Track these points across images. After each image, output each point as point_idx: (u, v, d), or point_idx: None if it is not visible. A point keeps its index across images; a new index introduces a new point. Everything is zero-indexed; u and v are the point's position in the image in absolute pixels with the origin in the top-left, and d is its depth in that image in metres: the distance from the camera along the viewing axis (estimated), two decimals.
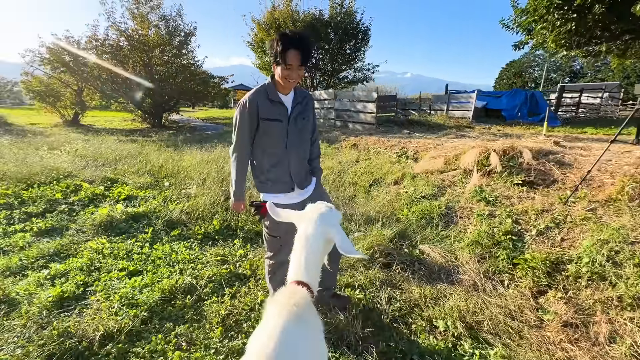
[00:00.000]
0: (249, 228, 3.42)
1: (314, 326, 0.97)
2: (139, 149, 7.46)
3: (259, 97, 1.70)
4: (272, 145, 1.75)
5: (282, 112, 1.73)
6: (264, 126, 1.71)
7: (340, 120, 10.09)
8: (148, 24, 12.73)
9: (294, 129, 1.77)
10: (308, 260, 1.07)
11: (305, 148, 1.88)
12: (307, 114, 1.84)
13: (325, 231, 1.11)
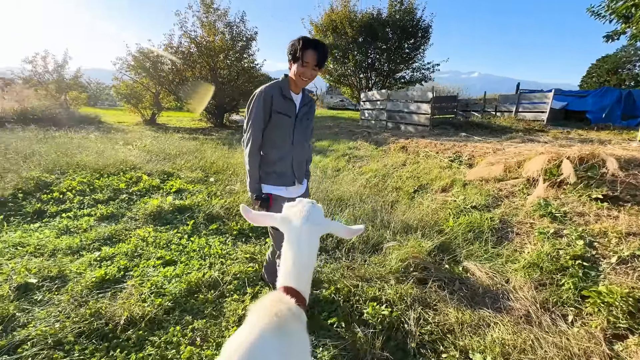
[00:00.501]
0: None
1: (296, 341, 0.89)
2: (197, 146, 8.05)
3: (274, 90, 1.80)
4: (281, 139, 1.86)
5: (291, 109, 1.84)
6: (275, 119, 1.81)
7: (392, 122, 9.69)
8: (215, 30, 13.74)
9: (300, 127, 1.90)
10: (298, 265, 1.01)
11: (306, 147, 2.03)
12: (310, 116, 1.99)
13: (315, 230, 1.06)
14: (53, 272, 2.41)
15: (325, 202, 3.96)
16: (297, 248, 1.03)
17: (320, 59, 1.70)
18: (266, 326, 0.84)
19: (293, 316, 0.91)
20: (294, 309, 0.94)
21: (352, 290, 2.35)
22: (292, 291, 0.98)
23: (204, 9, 13.76)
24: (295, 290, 0.99)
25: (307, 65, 1.69)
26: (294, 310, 0.94)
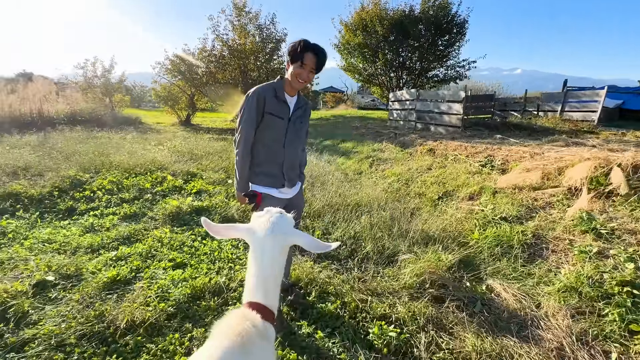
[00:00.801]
0: None
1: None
2: (225, 147, 8.24)
3: (267, 92, 1.80)
4: (272, 140, 1.85)
5: (285, 111, 1.84)
6: (267, 120, 1.81)
7: (422, 123, 9.28)
8: (246, 33, 14.06)
9: (293, 129, 1.89)
10: (262, 278, 0.98)
11: (299, 149, 2.00)
12: (305, 119, 1.98)
13: (281, 240, 1.02)
14: (71, 270, 2.51)
15: (341, 208, 3.82)
16: (260, 260, 1.00)
17: (319, 64, 1.73)
18: (229, 346, 0.81)
19: (258, 334, 0.89)
20: (260, 325, 0.91)
21: (359, 305, 2.20)
22: (258, 306, 0.95)
23: (236, 13, 14.13)
24: (261, 305, 0.96)
25: (305, 67, 1.72)
26: (260, 327, 0.91)
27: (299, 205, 2.11)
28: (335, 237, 3.22)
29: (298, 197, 2.08)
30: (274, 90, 1.81)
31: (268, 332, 0.94)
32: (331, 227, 3.43)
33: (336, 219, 3.59)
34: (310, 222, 3.57)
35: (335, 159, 6.99)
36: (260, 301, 0.96)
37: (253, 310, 0.94)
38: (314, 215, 3.74)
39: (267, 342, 0.92)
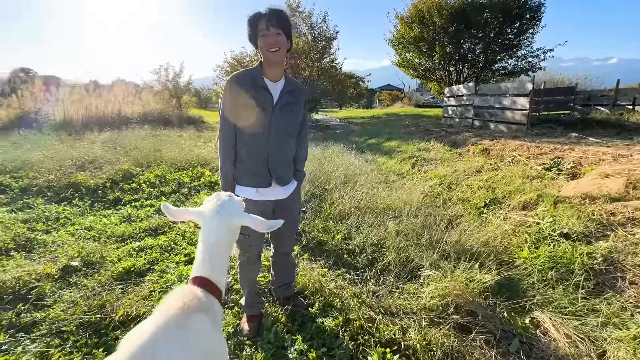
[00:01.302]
0: (314, 235, 3.11)
1: (202, 334, 0.86)
2: None
3: (243, 79, 1.62)
4: (253, 134, 1.66)
5: (265, 99, 1.62)
6: (245, 112, 1.63)
7: (480, 120, 8.32)
8: (298, 32, 14.24)
9: (280, 119, 1.68)
10: (209, 254, 1.03)
11: (290, 143, 1.78)
12: (296, 107, 1.74)
13: (226, 221, 1.07)
14: (96, 257, 2.66)
15: (369, 211, 3.52)
16: (207, 239, 1.05)
17: (275, 20, 1.52)
18: (167, 319, 0.82)
19: (200, 307, 0.90)
20: (202, 298, 0.94)
21: (364, 325, 1.92)
22: (203, 280, 0.99)
23: (290, 13, 14.39)
24: (206, 279, 0.99)
25: (265, 33, 1.52)
26: (202, 300, 0.93)
27: (292, 207, 1.91)
28: (356, 242, 2.95)
29: (292, 198, 1.87)
30: (249, 76, 1.62)
31: (213, 306, 0.97)
32: (354, 231, 3.15)
33: (361, 222, 3.30)
34: (333, 224, 3.34)
35: (376, 158, 6.61)
36: (206, 275, 1.00)
37: (197, 284, 0.97)
38: (338, 217, 3.50)
39: (209, 315, 0.93)
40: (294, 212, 1.96)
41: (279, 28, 1.53)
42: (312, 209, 3.74)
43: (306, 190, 4.19)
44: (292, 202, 1.89)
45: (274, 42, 1.52)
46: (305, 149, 1.95)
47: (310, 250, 2.88)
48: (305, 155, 1.96)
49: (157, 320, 0.81)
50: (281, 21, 1.54)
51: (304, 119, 1.88)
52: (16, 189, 4.26)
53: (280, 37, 1.54)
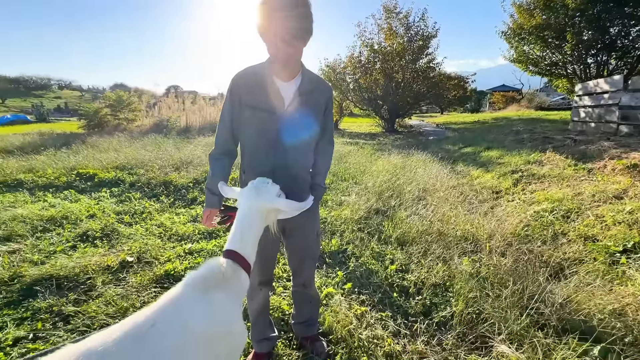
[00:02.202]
0: (363, 261, 2.63)
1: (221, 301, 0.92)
2: (350, 151, 8.10)
3: (247, 77, 1.35)
4: (256, 142, 1.39)
5: (274, 101, 1.33)
6: (248, 116, 1.36)
7: (630, 125, 6.14)
8: (393, 34, 13.57)
9: (290, 127, 1.36)
10: (242, 231, 1.09)
11: (303, 154, 1.46)
12: (313, 110, 1.41)
13: (260, 205, 1.13)
14: (150, 255, 2.81)
15: (441, 238, 2.81)
16: (241, 219, 1.11)
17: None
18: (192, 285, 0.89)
19: (225, 279, 0.96)
20: (229, 269, 0.99)
21: None
22: (233, 254, 1.04)
23: (386, 15, 13.86)
24: (236, 253, 1.04)
25: (270, 21, 1.19)
26: (229, 270, 0.98)
27: (306, 228, 1.56)
28: (413, 278, 2.34)
29: (307, 216, 1.48)
30: (255, 74, 1.34)
31: (240, 278, 1.02)
32: (414, 263, 2.54)
33: (427, 252, 2.65)
34: (390, 249, 2.78)
35: (469, 170, 5.55)
36: (237, 249, 1.05)
37: (228, 257, 1.03)
38: (399, 241, 2.91)
39: (235, 285, 0.99)
40: (309, 233, 1.59)
41: (287, 8, 1.18)
42: (370, 227, 3.24)
43: (369, 205, 3.70)
44: (306, 222, 1.53)
45: (285, 37, 1.21)
46: (328, 160, 1.62)
47: (355, 280, 2.42)
48: (327, 167, 1.62)
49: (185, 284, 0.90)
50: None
51: (326, 125, 1.52)
52: (127, 183, 5.07)
53: (288, 21, 1.20)
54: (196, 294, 0.88)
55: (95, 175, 5.33)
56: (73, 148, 7.52)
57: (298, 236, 1.59)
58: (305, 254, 1.64)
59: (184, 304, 0.85)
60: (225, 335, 0.92)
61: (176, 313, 0.83)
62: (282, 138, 1.36)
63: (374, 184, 4.45)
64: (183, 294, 0.88)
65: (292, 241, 1.61)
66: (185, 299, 0.86)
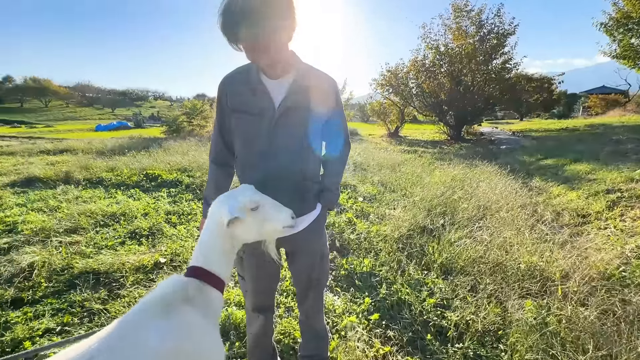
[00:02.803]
0: (395, 289, 2.28)
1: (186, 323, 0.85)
2: (406, 159, 7.59)
3: (234, 79, 1.21)
4: (246, 148, 1.22)
5: (262, 103, 1.16)
6: (235, 121, 1.22)
7: None
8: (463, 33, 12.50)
9: (281, 130, 1.17)
10: (207, 244, 1.00)
11: (302, 160, 1.23)
12: (312, 110, 1.19)
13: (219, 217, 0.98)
14: (183, 257, 2.86)
15: (497, 269, 2.31)
16: (204, 229, 1.02)
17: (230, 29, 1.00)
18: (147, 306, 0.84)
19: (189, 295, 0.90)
20: (192, 287, 0.92)
21: None
22: (196, 270, 0.97)
23: (455, 15, 12.87)
24: (200, 269, 0.97)
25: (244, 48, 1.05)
26: (191, 288, 0.92)
27: (309, 247, 1.35)
28: (455, 318, 1.92)
29: (310, 232, 1.27)
30: (243, 74, 1.20)
31: (209, 296, 0.95)
32: (459, 299, 2.10)
33: (476, 286, 2.18)
34: (430, 278, 2.37)
35: (547, 186, 4.66)
36: (201, 265, 0.97)
37: (191, 274, 0.96)
38: (443, 268, 2.47)
39: (196, 304, 0.90)
40: (311, 256, 1.36)
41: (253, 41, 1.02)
42: (411, 248, 2.84)
43: (414, 222, 3.28)
44: (307, 242, 1.32)
45: (263, 59, 1.08)
46: (339, 162, 1.38)
47: (384, 311, 2.09)
48: (339, 169, 1.38)
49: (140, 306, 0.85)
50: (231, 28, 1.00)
51: (332, 126, 1.29)
52: (184, 185, 5.43)
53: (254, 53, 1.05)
54: (153, 313, 0.84)
55: (159, 176, 5.83)
56: (150, 151, 8.46)
57: (298, 260, 1.37)
58: (307, 282, 1.41)
59: (139, 324, 0.81)
60: (191, 354, 0.85)
61: (133, 332, 0.80)
62: (274, 143, 1.17)
63: (424, 198, 3.98)
64: (138, 314, 0.84)
65: (293, 266, 1.40)
66: (141, 319, 0.83)
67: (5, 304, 2.17)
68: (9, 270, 2.48)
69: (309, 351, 1.57)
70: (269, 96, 1.15)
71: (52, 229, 3.31)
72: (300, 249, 1.34)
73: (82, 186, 5.21)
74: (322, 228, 1.37)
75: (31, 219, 3.60)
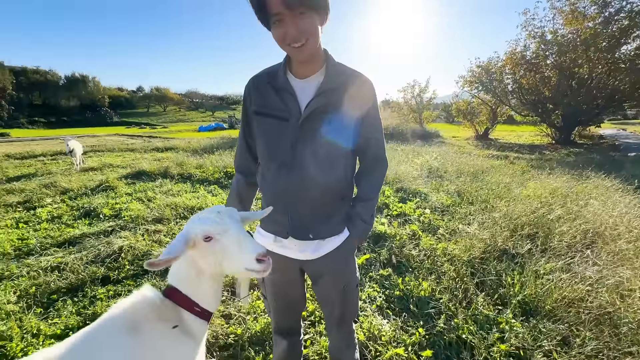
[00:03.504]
0: (456, 324, 1.92)
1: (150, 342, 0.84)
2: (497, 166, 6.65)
3: (260, 80, 1.10)
4: (267, 157, 1.09)
5: (288, 105, 1.03)
6: (258, 124, 1.10)
7: None
8: (580, 16, 10.36)
9: (307, 136, 1.03)
10: (177, 268, 0.94)
11: (330, 172, 1.06)
12: (343, 114, 1.03)
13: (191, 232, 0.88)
14: None
15: (605, 320, 1.75)
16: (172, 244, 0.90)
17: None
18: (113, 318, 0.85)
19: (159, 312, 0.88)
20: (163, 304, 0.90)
21: None
22: (170, 290, 0.93)
23: None
24: (173, 289, 0.93)
25: (280, 19, 0.90)
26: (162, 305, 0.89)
27: (329, 281, 1.18)
28: None
29: (333, 260, 1.13)
30: (268, 75, 1.08)
31: (181, 317, 0.91)
32: (540, 350, 1.65)
33: (569, 339, 1.69)
34: (504, 317, 1.93)
35: None
36: (174, 285, 0.93)
37: (166, 292, 0.93)
38: (522, 307, 1.99)
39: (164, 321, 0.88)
40: (333, 285, 1.19)
41: (307, 8, 0.89)
42: (484, 274, 2.38)
43: (492, 243, 2.77)
44: (329, 268, 1.16)
45: (295, 35, 0.91)
46: (377, 178, 1.20)
47: (438, 349, 1.78)
48: (372, 192, 1.19)
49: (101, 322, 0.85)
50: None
51: (370, 135, 1.12)
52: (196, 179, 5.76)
53: (306, 20, 0.90)
54: (118, 326, 0.83)
55: None
56: (234, 149, 9.30)
57: (319, 290, 1.23)
58: (329, 316, 1.26)
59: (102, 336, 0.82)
60: None
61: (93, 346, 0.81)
62: (302, 148, 1.03)
63: (509, 214, 3.36)
64: (102, 326, 0.84)
65: (315, 291, 1.26)
66: (105, 332, 0.83)
67: (97, 280, 2.55)
68: (105, 251, 2.94)
69: None
70: (295, 98, 1.03)
71: (144, 217, 3.84)
72: (321, 278, 1.19)
73: (175, 180, 5.98)
74: (348, 258, 1.19)
75: (132, 207, 4.25)
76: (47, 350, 0.78)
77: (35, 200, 4.62)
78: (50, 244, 3.17)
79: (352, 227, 1.17)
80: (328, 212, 1.11)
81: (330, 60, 1.04)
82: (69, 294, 2.38)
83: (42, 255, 2.95)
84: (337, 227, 1.13)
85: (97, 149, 11.16)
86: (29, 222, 3.84)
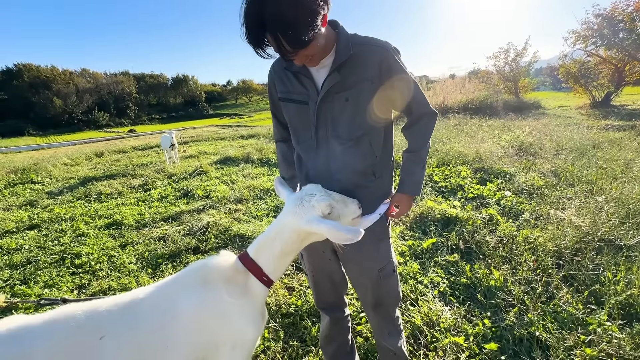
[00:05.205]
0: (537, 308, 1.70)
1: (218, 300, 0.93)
2: (616, 140, 5.44)
3: (280, 64, 1.11)
4: (297, 142, 1.16)
5: (305, 88, 1.05)
6: (285, 110, 1.16)
7: None
8: None
9: (328, 115, 1.05)
10: (266, 241, 1.01)
11: (352, 151, 1.06)
12: (358, 90, 1.01)
13: (294, 225, 0.97)
14: None
15: None
16: (271, 227, 1.03)
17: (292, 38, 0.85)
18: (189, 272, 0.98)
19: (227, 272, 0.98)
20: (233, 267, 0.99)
21: None
22: (244, 256, 1.02)
23: None
24: (247, 256, 1.01)
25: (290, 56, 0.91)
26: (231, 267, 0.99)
27: (361, 264, 1.17)
28: None
29: (362, 246, 1.08)
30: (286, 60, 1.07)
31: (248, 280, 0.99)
32: None
33: None
34: (599, 317, 1.62)
35: None
36: (250, 254, 1.01)
37: (239, 257, 1.03)
38: (628, 311, 1.64)
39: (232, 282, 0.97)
40: (365, 270, 1.18)
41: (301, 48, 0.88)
42: (575, 269, 2.02)
43: (591, 232, 2.31)
44: (357, 252, 1.14)
45: (300, 62, 0.97)
46: (424, 127, 1.14)
47: (505, 344, 1.62)
48: (425, 136, 1.14)
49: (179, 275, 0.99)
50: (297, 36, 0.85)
51: (402, 96, 1.08)
52: None
53: (309, 50, 0.90)
54: (191, 279, 0.96)
55: None
56: None
57: (350, 274, 1.24)
58: (364, 302, 1.26)
59: (177, 285, 0.95)
60: (220, 324, 0.93)
61: (169, 293, 0.94)
62: (320, 131, 1.06)
63: (621, 198, 2.73)
64: (179, 277, 0.98)
65: (347, 273, 1.27)
66: (179, 282, 0.96)
67: (190, 249, 3.04)
68: (196, 226, 3.45)
69: None
70: (312, 79, 1.04)
71: (227, 197, 4.36)
72: (351, 262, 1.19)
73: (255, 164, 6.56)
74: (379, 242, 1.15)
75: (219, 189, 4.85)
76: (139, 289, 0.95)
77: (150, 183, 5.65)
78: (159, 219, 3.87)
79: (400, 184, 1.15)
80: (357, 192, 1.10)
81: (341, 34, 1.00)
82: (170, 259, 2.89)
83: (153, 227, 3.64)
84: (368, 206, 1.12)
85: (196, 139, 12.89)
86: (145, 200, 4.75)
